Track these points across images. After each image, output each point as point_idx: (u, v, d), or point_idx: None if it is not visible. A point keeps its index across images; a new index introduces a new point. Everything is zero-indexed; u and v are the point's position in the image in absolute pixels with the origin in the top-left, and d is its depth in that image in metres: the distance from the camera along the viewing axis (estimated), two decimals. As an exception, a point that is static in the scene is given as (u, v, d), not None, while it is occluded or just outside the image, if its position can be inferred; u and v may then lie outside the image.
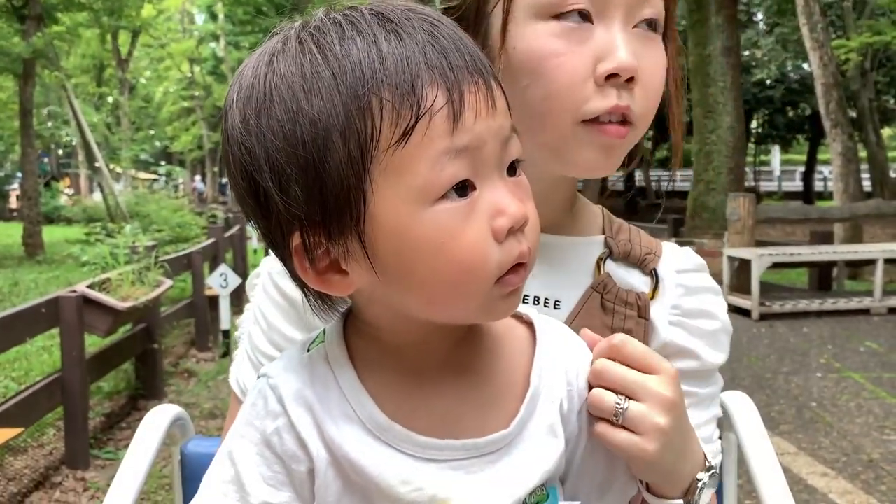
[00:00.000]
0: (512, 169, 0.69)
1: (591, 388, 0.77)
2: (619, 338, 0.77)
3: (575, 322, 0.95)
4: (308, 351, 0.77)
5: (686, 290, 1.00)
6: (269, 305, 1.02)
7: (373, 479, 0.70)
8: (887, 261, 9.54)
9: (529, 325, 0.81)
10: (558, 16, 0.85)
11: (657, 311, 0.99)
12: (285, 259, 0.72)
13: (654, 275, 1.00)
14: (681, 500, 0.80)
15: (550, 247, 0.97)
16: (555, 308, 0.97)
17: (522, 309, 0.81)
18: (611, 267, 1.00)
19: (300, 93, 0.64)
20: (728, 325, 1.03)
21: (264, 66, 0.68)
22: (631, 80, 0.85)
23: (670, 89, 0.96)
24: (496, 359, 0.77)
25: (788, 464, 4.58)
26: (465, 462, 0.72)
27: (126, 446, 4.95)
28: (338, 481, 0.72)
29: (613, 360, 0.76)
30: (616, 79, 0.85)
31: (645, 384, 0.75)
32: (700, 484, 0.80)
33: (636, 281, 1.00)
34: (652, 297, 0.99)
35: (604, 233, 1.03)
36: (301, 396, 0.72)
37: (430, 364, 0.75)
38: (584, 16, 0.85)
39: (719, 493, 1.23)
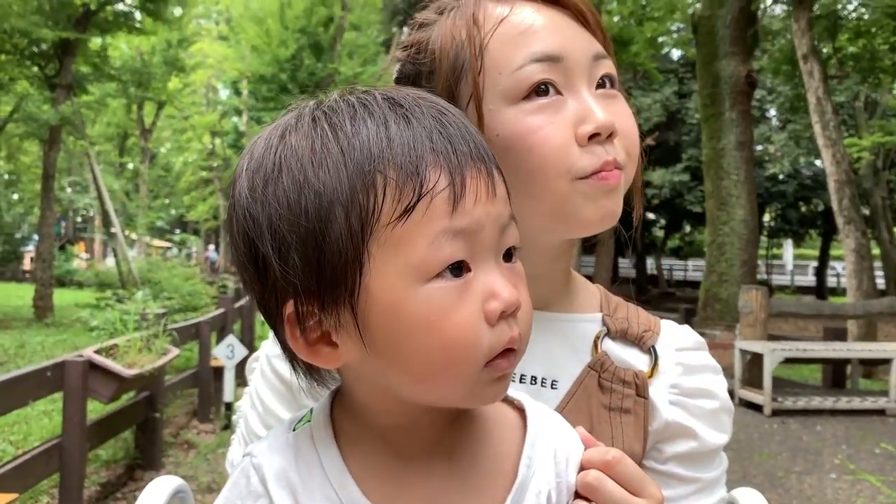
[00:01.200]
0: (508, 256, 0.70)
1: (577, 495, 0.75)
2: (615, 453, 0.76)
3: (572, 402, 0.94)
4: (294, 430, 0.76)
5: (685, 369, 0.99)
6: (266, 389, 1.02)
7: None
8: (902, 360, 9.39)
9: (521, 410, 0.80)
10: (528, 96, 0.91)
11: (656, 390, 0.97)
12: (276, 328, 0.72)
13: (652, 352, 0.99)
14: None
15: (547, 324, 0.97)
16: (551, 388, 0.96)
17: (516, 392, 0.81)
18: (608, 345, 0.99)
19: (308, 166, 0.66)
20: (729, 405, 1.01)
21: (276, 139, 0.70)
22: (611, 135, 0.90)
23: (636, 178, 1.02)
24: (485, 445, 0.76)
25: (803, 569, 4.40)
26: None
27: (120, 518, 4.71)
28: None
29: (606, 474, 0.75)
30: (598, 138, 0.89)
31: None
32: None
33: (634, 359, 0.99)
34: (650, 375, 0.98)
35: (601, 310, 1.03)
36: (283, 477, 0.72)
37: (417, 448, 0.74)
38: (553, 89, 0.91)
39: None
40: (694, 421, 0.97)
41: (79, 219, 36.91)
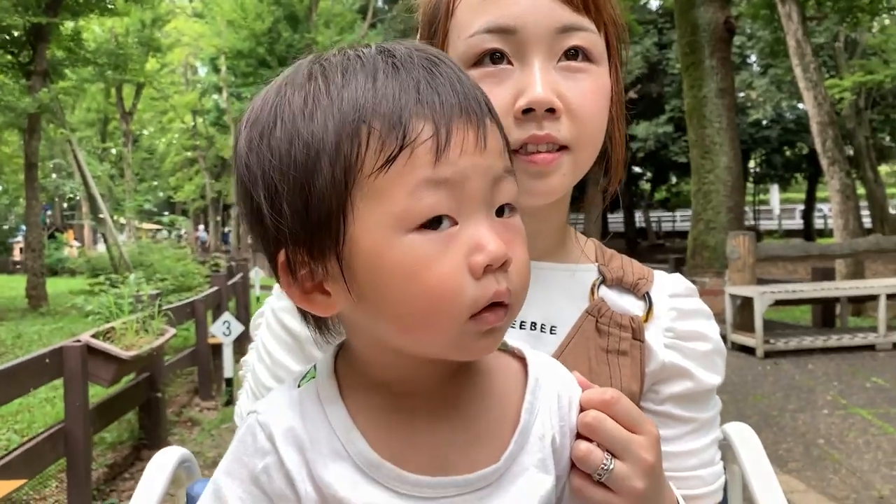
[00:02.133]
0: (503, 211, 0.70)
1: (578, 435, 0.77)
2: (612, 393, 0.78)
3: (570, 345, 0.98)
4: (298, 386, 0.77)
5: (679, 314, 1.03)
6: (273, 341, 1.04)
7: None
8: (890, 296, 9.52)
9: (521, 359, 0.81)
10: (478, 63, 0.93)
11: (652, 334, 1.01)
12: (277, 275, 0.74)
13: (647, 298, 1.03)
14: None
15: (545, 273, 1.01)
16: (551, 333, 0.99)
17: (516, 342, 0.83)
18: (604, 292, 1.03)
19: (299, 117, 0.68)
20: (721, 347, 1.05)
21: (273, 93, 0.72)
22: (552, 111, 0.90)
23: (613, 112, 1.01)
24: (486, 395, 0.77)
25: (798, 502, 4.53)
26: (456, 499, 0.72)
27: (129, 497, 4.88)
28: None
29: (604, 413, 0.77)
30: (532, 113, 0.90)
31: (630, 445, 0.76)
32: None
33: (630, 305, 1.03)
34: (646, 320, 1.02)
35: (596, 261, 1.07)
36: (291, 434, 0.72)
37: (421, 400, 0.75)
38: (504, 58, 0.92)
39: (724, 526, 1.23)
40: (689, 362, 1.00)
41: (65, 205, 36.59)
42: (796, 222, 33.99)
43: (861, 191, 17.41)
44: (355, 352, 0.76)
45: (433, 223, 0.66)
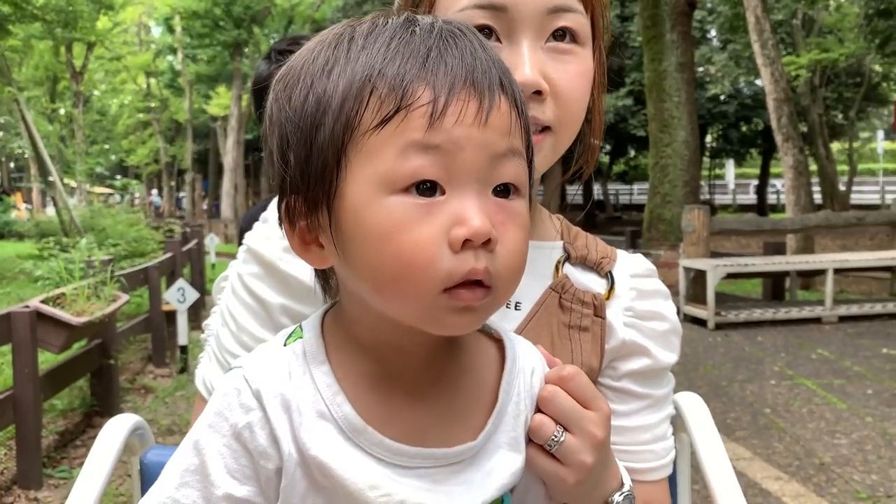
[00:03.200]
0: (507, 194, 0.70)
1: (537, 409, 0.80)
2: (570, 369, 0.80)
3: (534, 320, 0.99)
4: (285, 345, 0.77)
5: (639, 294, 1.05)
6: (239, 306, 1.03)
7: (341, 481, 0.70)
8: (837, 271, 9.81)
9: (498, 341, 0.83)
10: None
11: (612, 312, 1.03)
12: (280, 223, 0.76)
13: (609, 277, 1.05)
14: None
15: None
16: (515, 308, 1.01)
17: (496, 325, 0.84)
18: (568, 270, 1.04)
19: (318, 74, 0.71)
20: (678, 327, 1.07)
21: (307, 52, 0.75)
22: (539, 93, 0.90)
23: (594, 94, 1.02)
24: (466, 371, 0.79)
25: (743, 469, 4.67)
26: (431, 470, 0.73)
27: (80, 465, 4.83)
28: (304, 481, 0.72)
29: (560, 388, 0.80)
30: (533, 95, 0.90)
31: (581, 420, 0.79)
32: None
33: (592, 283, 1.04)
34: (607, 298, 1.04)
35: (562, 238, 1.08)
36: (278, 393, 0.72)
37: (405, 370, 0.75)
38: (493, 34, 0.91)
39: (674, 495, 1.26)
40: (647, 341, 1.03)
41: (12, 165, 35.54)
42: (750, 197, 34.65)
43: (813, 167, 17.79)
44: (345, 311, 0.77)
45: (422, 190, 0.66)
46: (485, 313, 0.71)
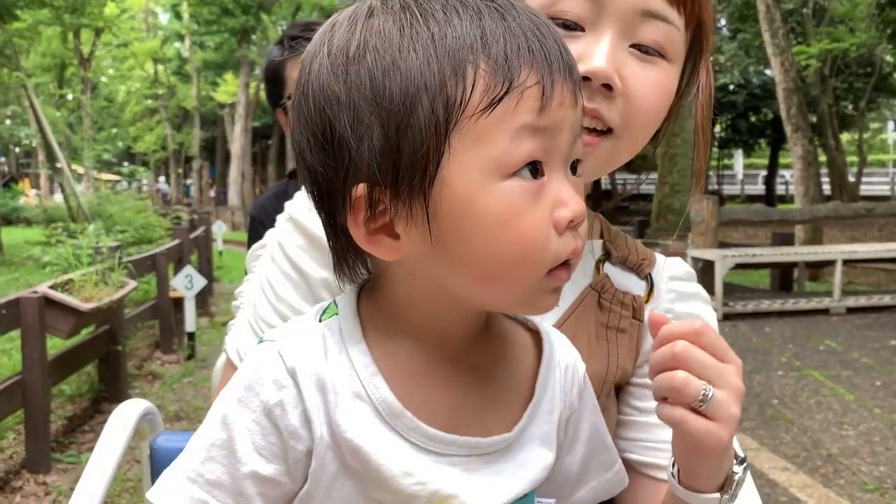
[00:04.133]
0: (574, 169, 0.70)
1: (658, 371, 0.73)
2: (701, 324, 0.74)
3: (572, 317, 0.98)
4: (320, 321, 0.75)
5: (678, 296, 1.04)
6: (279, 276, 1.00)
7: (374, 466, 0.69)
8: (846, 262, 9.76)
9: (534, 332, 0.82)
10: (551, 18, 0.85)
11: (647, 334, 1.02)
12: (336, 211, 0.70)
13: (649, 279, 1.04)
14: (717, 495, 0.77)
15: None
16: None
17: (533, 317, 0.83)
18: (608, 269, 1.03)
19: (396, 49, 0.65)
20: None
21: (361, 20, 0.68)
22: (608, 87, 0.86)
23: (697, 119, 0.98)
24: (503, 363, 0.78)
25: (751, 459, 4.66)
26: (464, 459, 0.72)
27: (89, 450, 4.83)
28: (334, 464, 0.70)
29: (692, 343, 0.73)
30: (588, 83, 0.85)
31: (723, 373, 0.73)
32: (737, 477, 0.79)
33: (632, 284, 1.03)
34: (646, 301, 1.02)
35: (602, 237, 1.06)
36: (314, 371, 0.70)
37: (444, 355, 0.74)
38: (577, 26, 0.87)
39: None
40: None
41: (17, 150, 35.60)
42: (759, 188, 34.49)
43: (822, 158, 17.69)
44: (394, 295, 0.73)
45: (528, 173, 0.65)
46: (561, 290, 0.71)
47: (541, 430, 0.77)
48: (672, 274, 1.06)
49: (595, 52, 0.86)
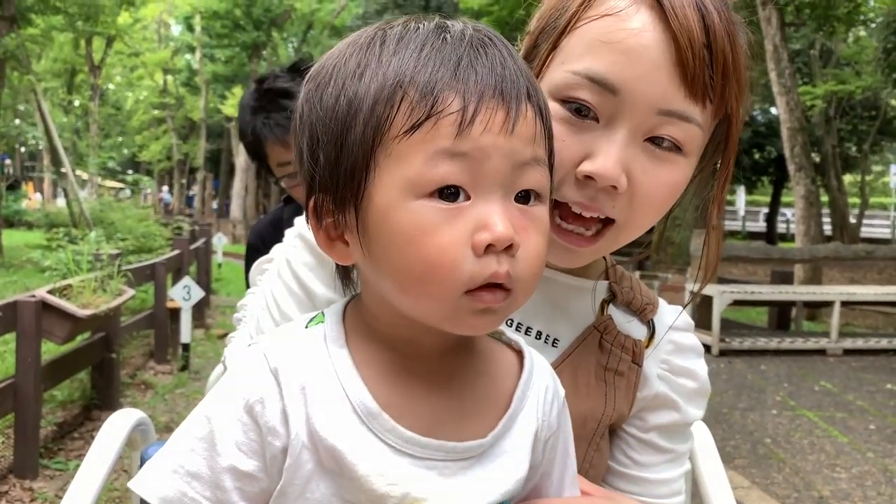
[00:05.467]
0: (527, 200, 0.71)
1: None
2: None
3: (572, 356, 0.99)
4: (306, 328, 0.78)
5: (676, 348, 1.05)
6: (284, 293, 1.01)
7: (350, 466, 0.71)
8: (844, 303, 9.74)
9: (519, 353, 0.84)
10: (566, 100, 0.86)
11: (649, 362, 1.03)
12: (308, 218, 0.78)
13: (650, 325, 1.05)
14: None
15: (558, 286, 1.01)
16: (552, 345, 1.00)
17: (517, 338, 0.85)
18: (612, 311, 1.03)
19: (349, 77, 0.72)
20: (707, 387, 1.07)
21: (338, 53, 0.77)
22: (613, 188, 0.85)
23: (713, 204, 0.97)
24: (483, 375, 0.80)
25: (741, 498, 4.63)
26: (439, 463, 0.73)
27: (77, 457, 4.81)
28: (310, 464, 0.72)
29: None
30: (592, 181, 0.85)
31: None
32: None
33: (633, 328, 1.04)
34: (647, 346, 1.03)
35: (608, 278, 1.06)
36: (296, 372, 0.73)
37: (420, 364, 0.77)
38: (592, 114, 0.86)
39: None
40: (678, 396, 1.03)
41: (23, 150, 35.66)
42: (760, 225, 34.51)
43: (824, 198, 17.73)
44: (366, 305, 0.78)
45: (446, 195, 0.68)
46: (503, 315, 0.72)
47: (516, 442, 0.78)
48: (673, 324, 1.06)
49: (604, 151, 0.84)
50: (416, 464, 0.73)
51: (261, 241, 2.38)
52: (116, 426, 1.26)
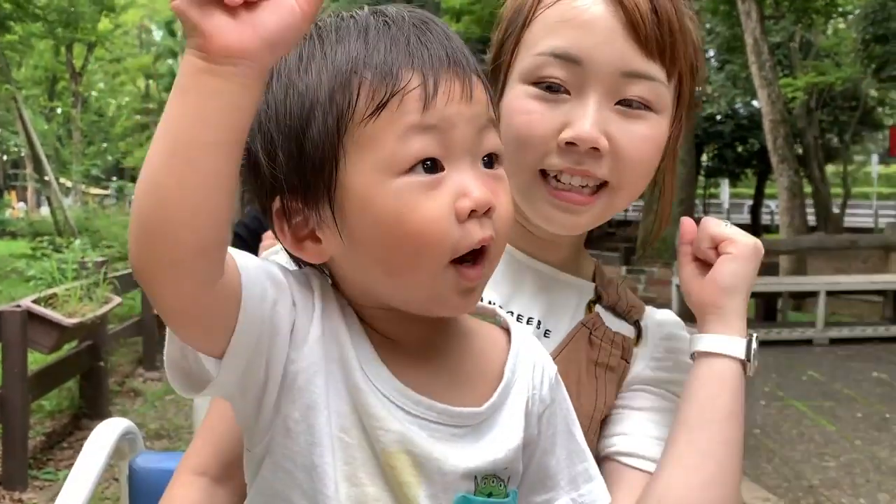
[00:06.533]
0: (490, 163, 0.74)
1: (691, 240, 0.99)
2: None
3: (563, 353, 1.01)
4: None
5: (666, 350, 1.07)
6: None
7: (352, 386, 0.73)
8: (829, 293, 9.82)
9: (506, 330, 0.86)
10: (538, 82, 0.93)
11: (638, 363, 1.05)
12: (271, 223, 0.77)
13: (637, 326, 1.08)
14: (744, 339, 0.94)
15: (557, 282, 1.04)
16: (545, 336, 1.02)
17: (505, 315, 0.87)
18: (600, 311, 1.06)
19: (294, 71, 0.72)
20: None
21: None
22: (595, 150, 0.90)
23: (664, 162, 1.02)
24: (472, 350, 0.81)
25: (732, 489, 4.66)
26: (431, 424, 0.74)
27: (66, 467, 4.77)
28: (319, 354, 0.73)
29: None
30: (574, 147, 0.91)
31: (737, 233, 1.00)
32: (754, 339, 0.95)
33: (622, 328, 1.06)
34: (636, 345, 1.06)
35: (594, 280, 1.09)
36: (320, 291, 0.76)
37: (407, 343, 0.78)
38: (562, 88, 0.92)
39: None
40: (667, 384, 1.05)
41: (5, 158, 35.37)
42: (744, 217, 34.65)
43: (808, 189, 17.86)
44: (346, 296, 0.79)
45: (422, 169, 0.69)
46: (481, 289, 0.75)
47: (510, 413, 0.79)
48: (662, 323, 1.09)
49: (579, 117, 0.91)
50: (407, 419, 0.73)
51: (247, 231, 2.49)
52: (103, 436, 1.26)
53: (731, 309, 0.95)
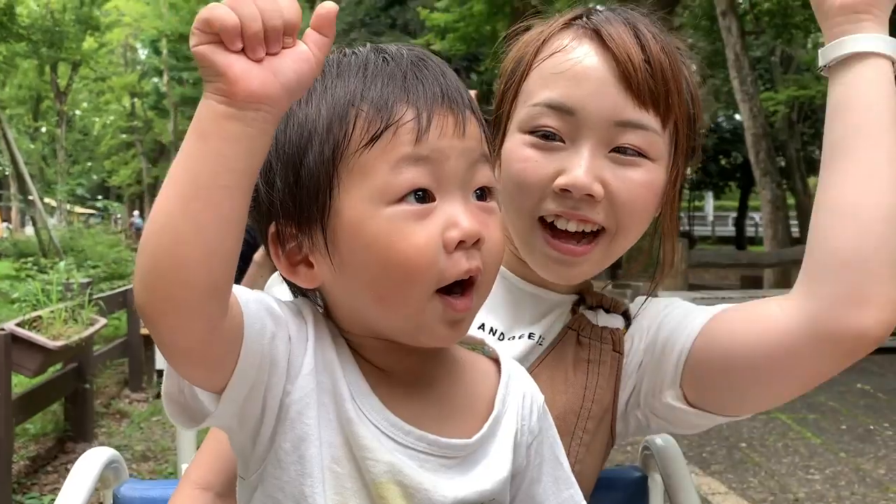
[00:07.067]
0: (483, 196, 0.76)
1: None
2: None
3: (549, 357, 1.06)
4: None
5: (658, 327, 1.09)
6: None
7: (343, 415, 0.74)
8: (813, 305, 9.85)
9: (495, 361, 0.88)
10: (533, 131, 0.96)
11: (630, 356, 1.08)
12: (266, 247, 0.79)
13: (626, 315, 1.11)
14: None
15: (549, 301, 1.09)
16: (538, 343, 1.07)
17: (495, 346, 0.89)
18: (585, 312, 1.10)
19: (295, 103, 0.74)
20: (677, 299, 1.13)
21: None
22: (590, 196, 0.94)
23: (664, 209, 1.04)
24: (462, 382, 0.83)
25: (719, 503, 4.68)
26: (420, 455, 0.76)
27: (52, 491, 4.72)
28: (313, 394, 0.75)
29: None
30: (569, 193, 0.94)
31: None
32: None
33: (609, 321, 1.10)
34: (625, 333, 1.10)
35: (578, 293, 1.13)
36: (312, 324, 0.78)
37: (398, 373, 0.79)
38: (557, 136, 0.96)
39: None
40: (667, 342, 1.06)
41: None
42: (729, 229, 34.91)
43: (791, 201, 18.01)
44: (337, 323, 0.80)
45: (414, 198, 0.71)
46: (469, 321, 0.76)
47: (499, 446, 0.81)
48: (649, 309, 1.12)
49: (574, 165, 0.94)
50: (397, 448, 0.75)
51: (247, 236, 2.61)
52: (88, 465, 1.26)
53: (885, 11, 0.91)
